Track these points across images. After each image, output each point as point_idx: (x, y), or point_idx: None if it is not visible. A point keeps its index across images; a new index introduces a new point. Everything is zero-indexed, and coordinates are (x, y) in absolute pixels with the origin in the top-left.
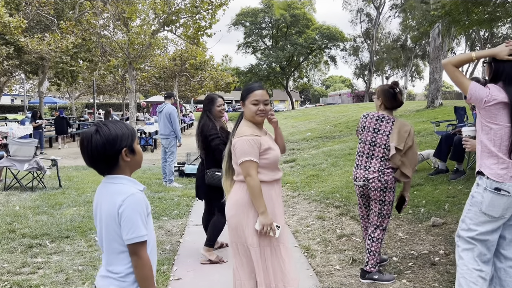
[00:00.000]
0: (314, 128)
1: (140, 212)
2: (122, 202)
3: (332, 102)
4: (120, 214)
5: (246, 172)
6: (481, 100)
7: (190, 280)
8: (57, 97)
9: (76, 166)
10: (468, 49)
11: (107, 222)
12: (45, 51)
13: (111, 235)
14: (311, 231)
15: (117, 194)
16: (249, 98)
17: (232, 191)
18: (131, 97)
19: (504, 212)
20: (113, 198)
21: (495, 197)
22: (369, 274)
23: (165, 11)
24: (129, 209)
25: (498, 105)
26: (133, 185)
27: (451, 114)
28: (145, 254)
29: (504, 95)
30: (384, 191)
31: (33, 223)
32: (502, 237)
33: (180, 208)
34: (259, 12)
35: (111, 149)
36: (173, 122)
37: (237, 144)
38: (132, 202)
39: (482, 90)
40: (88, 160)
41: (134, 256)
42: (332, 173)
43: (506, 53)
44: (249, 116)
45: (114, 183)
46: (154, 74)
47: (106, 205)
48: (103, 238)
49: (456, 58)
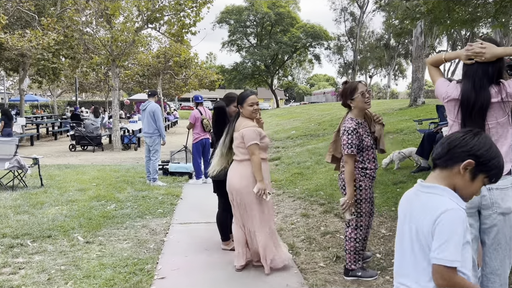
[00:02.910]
0: (298, 126)
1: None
2: (440, 215)
3: (317, 100)
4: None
5: (252, 151)
6: (440, 96)
7: (175, 278)
8: (39, 94)
9: (58, 165)
10: (449, 48)
11: (420, 235)
12: (26, 48)
13: (424, 250)
14: (295, 228)
15: (435, 207)
16: (247, 102)
17: (238, 168)
18: (114, 95)
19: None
20: (432, 211)
21: None
22: (352, 272)
23: (149, 8)
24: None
25: (453, 102)
26: (456, 200)
27: (433, 112)
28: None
29: (457, 92)
30: (344, 189)
31: (14, 222)
32: (482, 243)
33: (164, 206)
34: (244, 10)
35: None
36: (157, 120)
37: (246, 132)
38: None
39: (443, 87)
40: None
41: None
42: (316, 171)
43: (464, 58)
44: (247, 114)
45: (432, 194)
46: (138, 72)
47: (422, 217)
48: (410, 249)
49: (432, 58)
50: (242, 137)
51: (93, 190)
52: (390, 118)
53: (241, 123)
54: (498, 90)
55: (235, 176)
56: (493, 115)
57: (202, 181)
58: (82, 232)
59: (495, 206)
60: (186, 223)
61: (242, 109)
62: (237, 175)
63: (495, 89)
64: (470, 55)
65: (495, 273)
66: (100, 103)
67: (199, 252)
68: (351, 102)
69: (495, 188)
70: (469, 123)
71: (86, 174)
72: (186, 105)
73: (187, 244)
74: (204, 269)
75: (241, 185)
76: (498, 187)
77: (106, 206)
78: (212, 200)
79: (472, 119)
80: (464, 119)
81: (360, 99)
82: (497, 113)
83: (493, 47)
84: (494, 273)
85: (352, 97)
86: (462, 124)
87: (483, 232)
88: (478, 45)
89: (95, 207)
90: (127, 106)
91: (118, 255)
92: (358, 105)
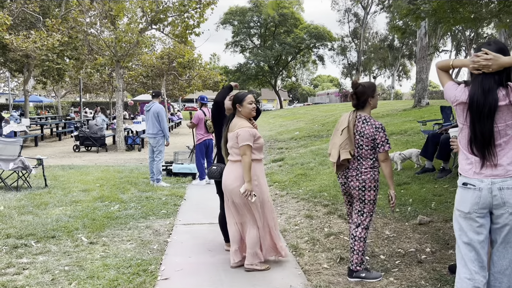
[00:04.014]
0: (302, 127)
1: None
2: None
3: (320, 101)
4: None
5: (243, 152)
6: (449, 99)
7: (178, 279)
8: (43, 95)
9: (62, 166)
10: (453, 48)
11: None
12: (31, 49)
13: None
14: (299, 229)
15: None
16: (246, 100)
17: (232, 168)
18: (118, 96)
19: (474, 207)
20: None
21: (463, 191)
22: (356, 273)
23: (153, 9)
24: None
25: (461, 105)
26: None
27: (437, 113)
28: None
29: (466, 96)
30: (363, 190)
31: (18, 223)
32: (493, 242)
33: (167, 207)
34: (248, 11)
35: None
36: (161, 121)
37: (241, 132)
38: None
39: (451, 91)
40: None
41: None
42: (320, 172)
43: (471, 69)
44: (246, 113)
45: None
46: (142, 73)
47: None
48: None
49: (440, 63)
50: (236, 137)
51: (97, 191)
52: (394, 119)
53: (236, 123)
54: (506, 93)
55: (230, 177)
56: (502, 118)
57: (205, 182)
58: (86, 232)
59: (507, 206)
60: (189, 224)
61: (242, 108)
62: (231, 175)
63: (503, 92)
64: (476, 67)
65: (503, 273)
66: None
67: (203, 253)
68: (370, 99)
69: (506, 187)
70: (478, 126)
71: (90, 175)
72: (189, 106)
73: (191, 245)
74: (207, 270)
75: (234, 185)
76: (509, 186)
77: (110, 207)
78: (216, 201)
79: (481, 122)
80: (474, 122)
81: (376, 99)
82: (505, 116)
83: (499, 58)
84: (503, 272)
85: (373, 95)
86: (471, 127)
87: (494, 231)
88: (484, 56)
89: (99, 207)
90: (131, 107)
91: (122, 256)
92: (375, 105)
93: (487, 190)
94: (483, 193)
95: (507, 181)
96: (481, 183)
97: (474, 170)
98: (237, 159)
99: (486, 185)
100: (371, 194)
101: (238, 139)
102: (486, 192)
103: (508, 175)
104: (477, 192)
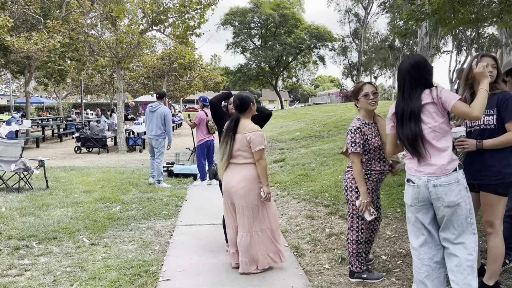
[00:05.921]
0: (303, 127)
1: None
2: None
3: (321, 101)
4: None
5: (260, 156)
6: None
7: (180, 280)
8: (44, 96)
9: (63, 167)
10: (455, 49)
11: None
12: (32, 51)
13: None
14: (300, 230)
15: None
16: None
17: (237, 171)
18: (119, 97)
19: (414, 201)
20: None
21: (407, 187)
22: (357, 274)
23: (153, 10)
24: None
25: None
26: None
27: None
28: None
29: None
30: (345, 189)
31: (19, 224)
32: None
33: (169, 208)
34: (248, 12)
35: None
36: (167, 124)
37: (254, 137)
38: None
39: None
40: None
41: None
42: (321, 173)
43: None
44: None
45: None
46: (143, 74)
47: None
48: None
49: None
50: (248, 141)
51: (98, 192)
52: None
53: (245, 126)
54: (429, 92)
55: (235, 179)
56: (430, 117)
57: (206, 183)
58: (87, 234)
59: (441, 200)
60: (191, 225)
61: (254, 107)
62: (236, 177)
63: (425, 92)
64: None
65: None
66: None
67: (204, 253)
68: (356, 102)
69: (439, 185)
70: (405, 126)
71: (91, 176)
72: (190, 106)
73: (192, 246)
74: (209, 271)
75: (239, 187)
76: (442, 183)
77: (111, 208)
78: (217, 202)
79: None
80: (402, 124)
81: (363, 100)
82: (434, 115)
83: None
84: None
85: (357, 97)
86: (399, 127)
87: (438, 219)
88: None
89: (100, 209)
90: (132, 108)
91: (123, 257)
92: (363, 106)
93: (424, 187)
94: (421, 189)
95: (440, 179)
96: (419, 180)
97: (415, 168)
98: (244, 161)
99: (424, 182)
100: (353, 195)
101: (251, 144)
102: (423, 189)
103: (442, 173)
104: (416, 189)
